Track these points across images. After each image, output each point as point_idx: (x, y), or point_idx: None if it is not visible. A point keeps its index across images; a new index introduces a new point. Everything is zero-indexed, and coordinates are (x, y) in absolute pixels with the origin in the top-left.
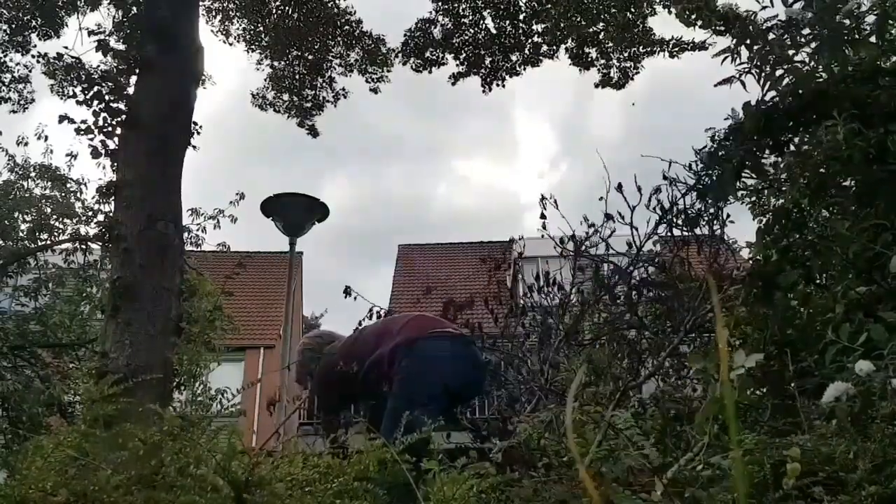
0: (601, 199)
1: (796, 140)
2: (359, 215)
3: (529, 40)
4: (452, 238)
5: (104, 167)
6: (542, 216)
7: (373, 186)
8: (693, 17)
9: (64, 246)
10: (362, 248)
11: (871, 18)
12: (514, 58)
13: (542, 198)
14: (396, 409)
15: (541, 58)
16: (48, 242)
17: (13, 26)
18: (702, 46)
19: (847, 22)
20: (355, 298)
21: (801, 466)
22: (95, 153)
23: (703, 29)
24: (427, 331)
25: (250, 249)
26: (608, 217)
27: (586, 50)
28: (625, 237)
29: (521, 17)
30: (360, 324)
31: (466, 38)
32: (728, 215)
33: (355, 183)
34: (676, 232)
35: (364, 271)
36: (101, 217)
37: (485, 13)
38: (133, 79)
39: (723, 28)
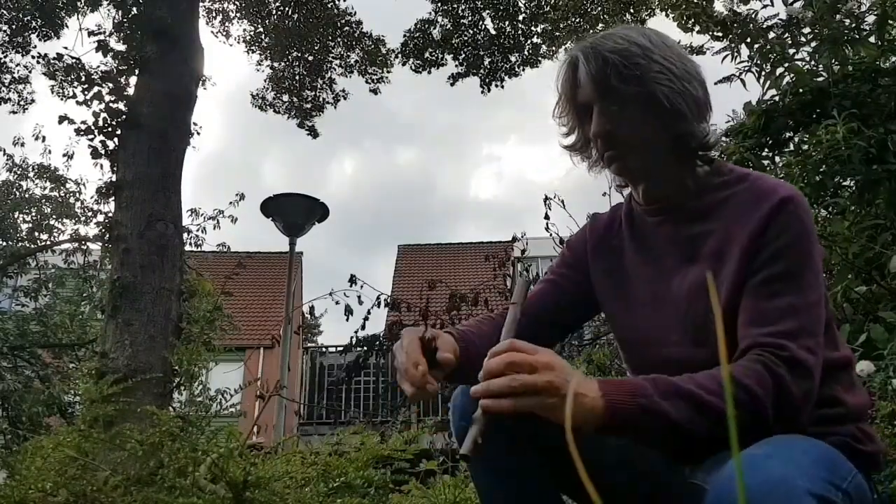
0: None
1: (796, 139)
2: (360, 211)
3: (529, 41)
4: (456, 233)
5: (103, 167)
6: (546, 217)
7: (373, 183)
8: (691, 22)
9: (64, 246)
10: (363, 247)
11: (871, 18)
12: (513, 58)
13: (546, 198)
14: None
15: (540, 58)
16: (48, 242)
17: (13, 27)
18: (699, 51)
19: (847, 22)
20: (361, 286)
21: None
22: (95, 153)
23: (701, 34)
24: None
25: (250, 249)
26: None
27: None
28: None
29: (521, 18)
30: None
31: (465, 38)
32: None
33: (355, 179)
34: None
35: (364, 271)
36: (101, 217)
37: (484, 14)
38: (133, 79)
39: (720, 34)
